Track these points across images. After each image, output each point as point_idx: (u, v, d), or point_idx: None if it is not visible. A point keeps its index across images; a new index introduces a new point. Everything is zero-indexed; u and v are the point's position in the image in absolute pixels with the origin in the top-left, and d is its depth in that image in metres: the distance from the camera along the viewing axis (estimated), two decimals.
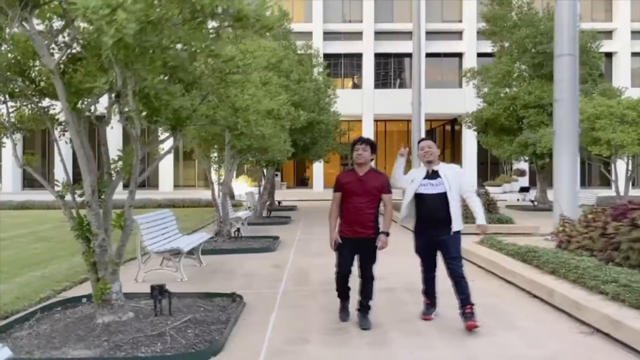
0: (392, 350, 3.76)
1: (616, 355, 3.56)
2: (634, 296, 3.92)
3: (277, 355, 3.67)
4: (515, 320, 4.45)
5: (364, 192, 4.18)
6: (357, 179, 4.23)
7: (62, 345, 3.80)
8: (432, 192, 4.25)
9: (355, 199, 4.19)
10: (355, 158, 4.27)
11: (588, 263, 4.86)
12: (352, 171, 4.34)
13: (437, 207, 4.22)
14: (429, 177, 4.33)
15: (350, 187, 4.23)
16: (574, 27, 6.93)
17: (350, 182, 4.25)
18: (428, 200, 4.26)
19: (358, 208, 4.17)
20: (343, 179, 4.34)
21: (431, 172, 4.33)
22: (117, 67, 3.13)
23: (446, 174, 4.31)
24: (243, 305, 4.98)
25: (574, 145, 6.86)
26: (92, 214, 4.15)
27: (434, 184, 4.27)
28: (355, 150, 4.26)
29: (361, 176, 4.22)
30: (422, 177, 4.36)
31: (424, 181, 4.32)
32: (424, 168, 4.44)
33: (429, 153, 4.34)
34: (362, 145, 4.26)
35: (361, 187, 4.19)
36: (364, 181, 4.20)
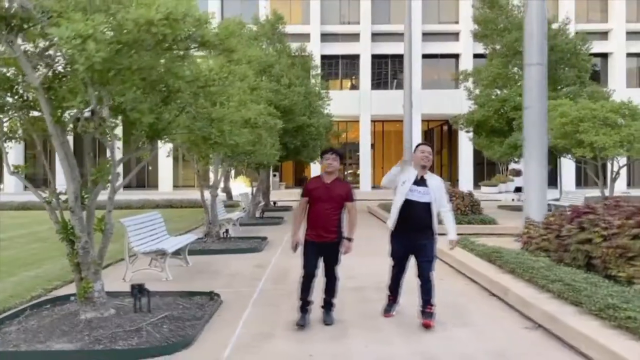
0: (350, 344, 4.08)
1: (551, 349, 3.87)
2: (574, 294, 4.23)
3: (242, 349, 4.00)
4: (471, 317, 4.77)
5: (329, 198, 4.44)
6: (324, 186, 4.49)
7: (46, 340, 4.15)
8: (420, 200, 4.40)
9: (320, 204, 4.45)
10: (326, 167, 4.54)
11: (541, 263, 5.18)
12: (319, 178, 4.61)
13: (422, 215, 4.42)
14: (417, 183, 4.46)
15: (317, 194, 4.48)
16: (542, 37, 7.23)
17: (318, 188, 4.51)
18: (416, 207, 4.41)
19: (323, 214, 4.44)
20: (310, 185, 4.60)
21: (420, 178, 4.48)
22: (91, 87, 3.47)
23: (432, 184, 4.49)
24: (220, 303, 5.32)
25: (542, 151, 7.16)
26: (76, 219, 4.49)
27: (422, 192, 4.42)
28: (326, 160, 4.52)
29: (328, 184, 4.49)
30: (412, 180, 4.46)
31: (413, 187, 4.44)
32: (414, 171, 4.54)
33: (427, 159, 4.49)
34: (333, 155, 4.52)
35: (327, 194, 4.45)
36: (330, 188, 4.47)
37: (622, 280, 4.22)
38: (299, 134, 13.50)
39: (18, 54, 3.87)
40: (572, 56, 17.66)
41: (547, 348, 3.89)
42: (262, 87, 11.23)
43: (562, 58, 17.32)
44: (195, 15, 3.49)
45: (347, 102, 31.28)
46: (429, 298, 4.48)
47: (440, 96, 30.71)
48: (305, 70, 17.43)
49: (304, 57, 18.33)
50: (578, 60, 17.71)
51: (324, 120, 15.99)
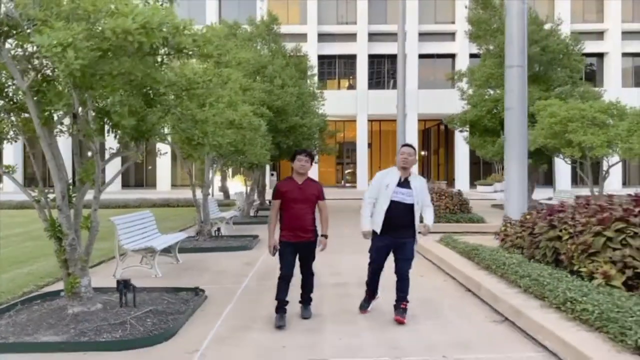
0: (324, 336, 4.27)
1: (513, 341, 4.06)
2: (539, 288, 4.42)
3: (220, 341, 4.19)
4: (443, 311, 4.96)
5: (304, 199, 4.56)
6: (297, 187, 4.58)
7: (34, 332, 4.34)
8: (404, 201, 4.51)
9: (296, 205, 4.52)
10: (297, 168, 4.60)
11: (514, 260, 5.37)
12: (290, 179, 4.68)
13: (406, 215, 4.53)
14: (400, 184, 4.57)
15: (291, 195, 4.54)
16: (523, 40, 7.40)
17: (291, 190, 4.56)
18: (400, 208, 4.51)
19: (299, 214, 4.52)
20: (283, 187, 4.61)
21: (403, 180, 4.59)
22: (73, 91, 3.65)
23: (416, 186, 4.60)
24: (204, 299, 5.52)
25: (522, 151, 7.34)
26: (63, 217, 4.68)
27: (405, 194, 4.53)
28: (298, 161, 4.58)
29: (300, 184, 4.60)
30: (395, 183, 4.58)
31: (397, 189, 4.55)
32: (397, 173, 4.64)
33: (407, 161, 4.60)
34: (305, 156, 4.61)
35: (301, 195, 4.55)
36: (303, 189, 4.59)
37: (584, 275, 4.40)
38: (291, 134, 13.69)
39: (5, 60, 4.05)
40: (565, 56, 17.82)
41: (510, 340, 4.08)
42: (254, 88, 11.43)
43: (554, 58, 17.48)
44: (173, 23, 3.67)
45: (344, 102, 31.50)
46: (404, 295, 4.66)
47: (436, 96, 30.88)
48: (300, 71, 17.61)
49: (299, 58, 18.52)
50: (570, 61, 17.86)
51: (317, 120, 16.15)
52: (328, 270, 6.96)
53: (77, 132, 4.01)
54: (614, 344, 3.31)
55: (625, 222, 4.38)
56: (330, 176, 36.18)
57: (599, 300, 3.74)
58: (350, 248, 8.49)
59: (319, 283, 6.24)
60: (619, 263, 4.15)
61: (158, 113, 4.96)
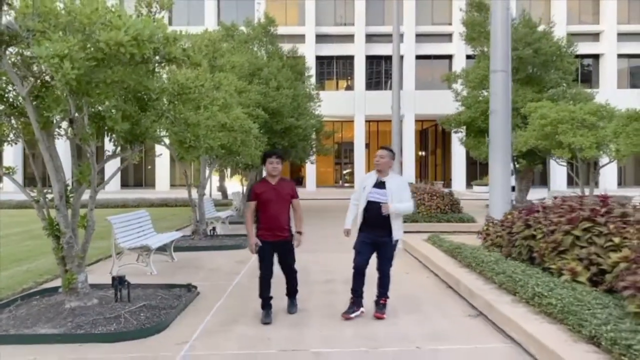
0: (307, 329, 4.51)
1: (485, 333, 4.31)
2: (512, 284, 4.67)
3: (209, 333, 4.44)
4: (423, 306, 5.20)
5: (279, 198, 4.71)
6: (271, 188, 4.72)
7: (33, 325, 4.58)
8: (379, 200, 4.70)
9: (272, 206, 4.68)
10: (270, 170, 4.74)
11: (492, 258, 5.61)
12: (264, 181, 4.81)
13: (380, 214, 4.69)
14: (377, 185, 4.79)
15: (266, 196, 4.68)
16: (507, 46, 7.64)
17: (266, 191, 4.71)
18: (375, 207, 4.69)
19: (275, 214, 4.69)
20: (258, 189, 4.76)
21: (379, 181, 4.80)
22: (69, 98, 3.90)
23: (392, 187, 4.75)
24: (196, 295, 5.76)
25: (506, 153, 7.58)
26: (61, 216, 4.93)
27: (380, 194, 4.73)
28: (270, 164, 4.73)
29: (274, 185, 4.74)
30: (372, 184, 4.81)
31: (373, 190, 4.77)
32: (374, 175, 4.87)
33: (378, 163, 4.82)
34: (277, 159, 4.76)
35: (276, 195, 4.70)
36: (278, 189, 4.73)
37: (554, 272, 4.64)
38: (286, 135, 13.93)
39: (6, 67, 4.29)
40: (557, 59, 18.05)
41: (482, 332, 4.33)
42: (250, 90, 11.67)
43: (546, 60, 17.71)
44: (164, 34, 3.92)
45: (342, 103, 31.76)
46: (385, 291, 4.89)
47: (434, 96, 31.09)
48: (297, 72, 17.84)
49: (295, 59, 18.74)
50: (563, 63, 18.09)
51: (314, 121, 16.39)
52: (319, 268, 7.21)
53: (74, 136, 4.24)
54: (572, 334, 3.56)
55: (591, 221, 4.62)
56: (329, 176, 36.44)
57: (563, 294, 3.98)
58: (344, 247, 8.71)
59: (308, 280, 6.52)
60: (585, 260, 4.39)
61: (151, 117, 5.20)
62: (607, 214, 4.67)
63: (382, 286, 4.90)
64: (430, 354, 3.87)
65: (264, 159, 4.81)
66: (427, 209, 11.80)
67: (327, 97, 28.79)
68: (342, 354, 3.91)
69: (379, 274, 4.92)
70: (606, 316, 3.44)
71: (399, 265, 7.26)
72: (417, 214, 11.80)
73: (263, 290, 4.81)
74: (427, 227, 11.02)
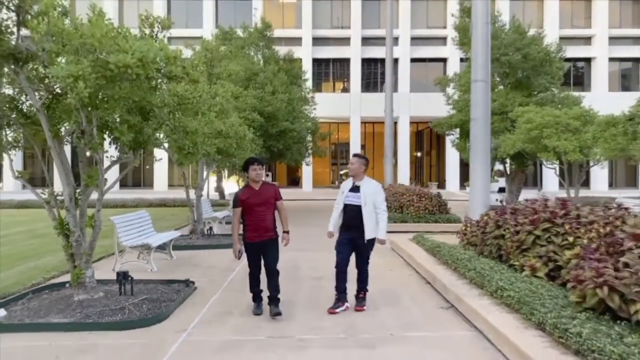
0: (294, 320, 4.98)
1: (453, 322, 4.79)
2: (480, 279, 5.15)
3: (204, 323, 4.91)
4: (401, 300, 5.68)
5: (263, 202, 5.00)
6: (255, 193, 5.00)
7: (45, 315, 5.05)
8: (353, 203, 5.13)
9: (256, 209, 4.96)
10: (253, 177, 5.00)
11: (466, 255, 6.10)
12: (248, 187, 5.07)
13: (356, 215, 5.12)
14: (352, 190, 5.25)
15: (250, 201, 4.96)
16: (486, 57, 8.13)
17: (250, 196, 4.98)
18: (349, 209, 5.16)
19: (261, 217, 4.98)
20: (243, 195, 5.01)
21: (354, 186, 5.25)
22: (81, 112, 4.37)
23: (365, 191, 5.13)
24: (194, 289, 6.24)
25: (486, 158, 8.07)
26: (70, 216, 5.40)
27: (354, 197, 5.14)
28: (253, 170, 4.98)
29: (258, 190, 5.03)
30: (348, 188, 5.26)
31: (349, 193, 5.21)
32: (351, 181, 5.30)
33: (350, 169, 5.27)
34: (257, 165, 5.01)
35: (260, 199, 4.99)
36: (261, 193, 5.03)
37: (517, 268, 5.13)
38: (281, 138, 14.40)
39: (23, 83, 4.76)
40: (546, 64, 18.56)
41: (450, 322, 4.81)
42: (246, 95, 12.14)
43: (535, 66, 18.22)
44: (165, 55, 4.39)
45: (338, 104, 32.27)
46: (364, 285, 5.34)
47: (428, 99, 31.57)
48: (292, 76, 18.33)
49: (291, 63, 19.23)
50: (552, 68, 18.60)
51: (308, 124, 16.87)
52: (308, 265, 7.69)
53: (84, 145, 4.72)
54: (524, 321, 4.04)
55: (551, 222, 5.10)
56: (325, 177, 36.91)
57: (521, 288, 4.47)
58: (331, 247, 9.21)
59: (298, 275, 7.01)
60: (544, 257, 4.88)
61: (153, 126, 5.67)
62: (565, 215, 5.16)
63: (361, 281, 5.34)
64: (401, 339, 4.35)
65: (247, 166, 5.04)
66: (416, 210, 12.29)
67: (323, 99, 29.34)
68: (323, 339, 4.39)
69: (357, 270, 5.35)
70: (552, 305, 3.93)
71: (384, 263, 7.79)
72: (407, 214, 12.30)
73: (253, 285, 5.24)
74: (415, 227, 11.51)
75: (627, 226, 4.21)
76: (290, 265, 7.56)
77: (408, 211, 12.35)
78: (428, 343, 4.27)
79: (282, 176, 36.12)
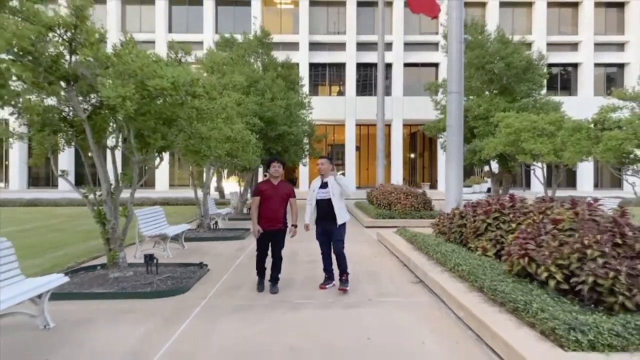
0: (291, 291, 6.13)
1: (419, 292, 5.96)
2: (443, 259, 6.32)
3: (219, 294, 6.06)
4: (380, 277, 6.85)
5: (277, 196, 6.02)
6: (272, 187, 6.06)
7: (89, 288, 6.19)
8: (323, 197, 6.18)
9: (271, 201, 5.94)
10: (272, 173, 6.18)
11: (436, 242, 7.27)
12: (268, 181, 6.14)
13: (326, 208, 6.12)
14: (322, 186, 6.25)
15: (267, 193, 5.97)
16: (460, 70, 9.29)
17: (268, 189, 6.02)
18: (321, 203, 6.14)
19: (273, 208, 5.95)
20: (262, 187, 6.03)
21: (323, 183, 6.29)
22: (125, 124, 5.52)
23: (332, 184, 6.20)
24: (207, 271, 7.38)
25: (459, 160, 9.22)
26: (107, 208, 6.54)
27: (324, 192, 6.20)
28: (272, 167, 6.07)
29: (275, 185, 6.11)
30: (318, 186, 6.24)
31: (319, 190, 6.18)
32: (319, 179, 6.29)
33: (320, 169, 6.34)
34: (277, 164, 6.17)
35: (275, 193, 6.03)
36: (278, 188, 6.10)
37: (473, 250, 6.30)
38: (280, 140, 15.56)
39: (73, 100, 5.91)
40: (528, 71, 19.78)
41: (417, 292, 5.98)
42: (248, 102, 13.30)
43: (517, 73, 19.44)
44: (191, 78, 5.55)
45: (334, 107, 33.48)
46: (344, 268, 6.23)
47: (421, 102, 32.73)
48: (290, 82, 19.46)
49: (289, 69, 20.36)
50: (533, 75, 19.83)
51: (305, 127, 18.03)
52: (304, 252, 8.85)
53: (125, 149, 5.86)
54: (470, 287, 5.21)
55: (500, 212, 6.28)
56: None
57: (472, 264, 5.64)
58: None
59: (296, 260, 8.17)
60: (493, 240, 6.05)
61: (175, 132, 6.83)
62: (511, 207, 6.35)
63: (340, 265, 6.21)
64: (377, 303, 5.52)
65: (269, 163, 6.05)
66: (403, 207, 13.46)
67: (320, 102, 30.56)
68: (315, 303, 5.55)
69: (335, 255, 6.20)
70: (491, 274, 5.10)
71: (371, 252, 8.98)
72: (394, 211, 13.48)
73: (259, 265, 6.25)
74: (402, 222, 12.67)
75: (552, 214, 5.38)
76: (290, 252, 8.71)
77: (396, 208, 13.52)
78: (397, 305, 5.43)
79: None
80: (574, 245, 4.21)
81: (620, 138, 10.39)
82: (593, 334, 3.45)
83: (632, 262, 3.83)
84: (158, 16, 33.79)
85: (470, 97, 20.74)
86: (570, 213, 5.05)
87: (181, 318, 5.03)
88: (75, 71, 5.62)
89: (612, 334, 3.45)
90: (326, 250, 6.35)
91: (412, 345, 4.21)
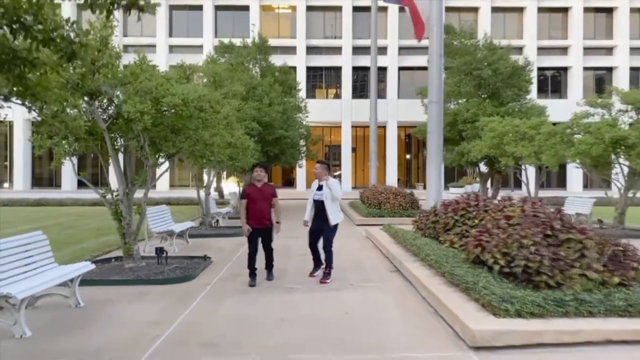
0: (284, 278, 7.06)
1: (395, 278, 6.89)
2: (417, 250, 7.26)
3: (222, 280, 6.99)
4: (364, 267, 7.78)
5: (262, 198, 6.72)
6: (257, 190, 6.72)
7: (107, 277, 7.11)
8: (318, 199, 7.04)
9: (257, 202, 6.64)
10: (256, 176, 6.87)
11: (414, 236, 8.21)
12: (252, 185, 6.80)
13: (322, 208, 6.98)
14: (319, 188, 7.12)
15: (253, 195, 6.65)
16: (439, 83, 10.22)
17: (253, 192, 6.70)
18: (317, 204, 7.10)
19: (260, 208, 6.66)
20: (248, 190, 6.73)
21: (320, 185, 7.17)
22: (141, 134, 6.45)
23: (326, 188, 7.02)
24: (211, 262, 8.31)
25: (438, 164, 10.15)
26: (123, 206, 7.47)
27: (319, 194, 7.05)
28: (255, 172, 6.79)
29: (260, 187, 6.77)
30: (316, 188, 7.18)
31: (316, 192, 7.12)
32: (317, 182, 7.25)
33: (315, 173, 7.25)
34: (260, 168, 6.81)
35: (261, 195, 6.71)
36: (262, 190, 6.75)
37: (442, 243, 7.24)
38: (277, 143, 16.50)
39: (95, 113, 6.83)
40: (514, 76, 20.71)
41: (393, 278, 6.92)
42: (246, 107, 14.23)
43: (503, 79, 20.38)
44: (199, 94, 6.48)
45: (331, 110, 34.46)
46: (329, 262, 7.07)
47: (416, 105, 33.61)
48: (287, 87, 20.40)
49: (286, 74, 21.30)
50: (519, 81, 20.77)
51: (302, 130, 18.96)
52: (296, 247, 9.77)
53: (141, 155, 6.80)
54: (436, 273, 6.13)
55: (466, 210, 7.22)
56: None
57: (439, 254, 6.57)
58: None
59: (289, 253, 9.09)
60: (459, 234, 6.99)
61: (182, 139, 7.76)
62: (475, 206, 7.29)
63: (327, 259, 7.07)
64: (357, 287, 6.46)
65: (252, 168, 7.01)
66: (392, 206, 14.40)
67: (317, 105, 31.55)
68: (305, 288, 6.49)
69: (323, 250, 7.06)
70: (453, 262, 6.04)
71: (358, 246, 9.91)
72: (384, 210, 14.41)
73: (250, 263, 6.91)
74: (389, 220, 13.59)
75: (507, 211, 6.32)
76: (283, 247, 9.64)
77: (385, 207, 14.45)
78: (375, 289, 6.37)
79: (277, 177, 38.25)
80: (515, 236, 5.15)
81: (589, 143, 11.32)
82: (519, 304, 4.38)
83: (556, 249, 4.76)
84: (159, 21, 34.68)
85: (459, 101, 21.66)
86: (519, 210, 5.98)
87: (191, 298, 5.96)
88: (98, 88, 6.53)
89: (535, 305, 4.39)
90: (313, 244, 7.22)
91: (381, 317, 5.14)
